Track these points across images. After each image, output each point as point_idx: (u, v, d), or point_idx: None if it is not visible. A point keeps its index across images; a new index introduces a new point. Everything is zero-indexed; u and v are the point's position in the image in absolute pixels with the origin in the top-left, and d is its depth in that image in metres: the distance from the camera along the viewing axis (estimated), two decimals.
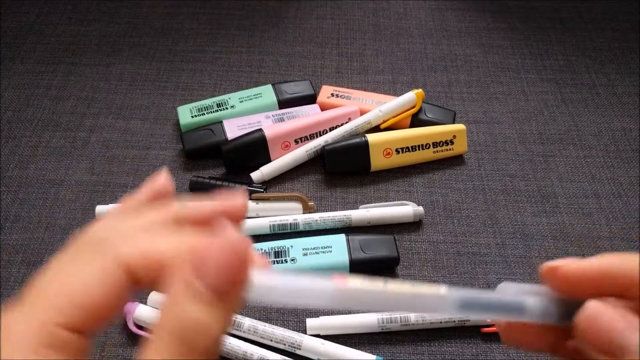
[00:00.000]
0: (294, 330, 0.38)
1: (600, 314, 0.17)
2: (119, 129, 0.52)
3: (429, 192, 0.48)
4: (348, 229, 0.45)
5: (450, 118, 0.51)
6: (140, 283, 0.17)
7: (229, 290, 0.15)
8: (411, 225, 0.46)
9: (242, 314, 0.39)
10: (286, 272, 0.17)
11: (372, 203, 0.46)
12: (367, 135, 0.48)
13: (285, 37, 0.61)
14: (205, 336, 0.15)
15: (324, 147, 0.48)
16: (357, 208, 0.46)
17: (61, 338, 0.15)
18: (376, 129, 0.50)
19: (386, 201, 0.46)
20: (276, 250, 0.42)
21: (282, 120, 0.50)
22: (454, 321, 0.39)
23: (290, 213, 0.45)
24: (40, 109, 0.53)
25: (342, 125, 0.49)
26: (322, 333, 0.39)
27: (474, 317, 0.18)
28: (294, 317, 0.40)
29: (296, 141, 0.49)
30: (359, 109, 0.50)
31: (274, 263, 0.41)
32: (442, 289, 0.18)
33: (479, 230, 0.46)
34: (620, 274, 0.19)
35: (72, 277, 0.16)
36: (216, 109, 0.51)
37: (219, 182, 0.46)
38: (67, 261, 0.17)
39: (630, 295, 0.18)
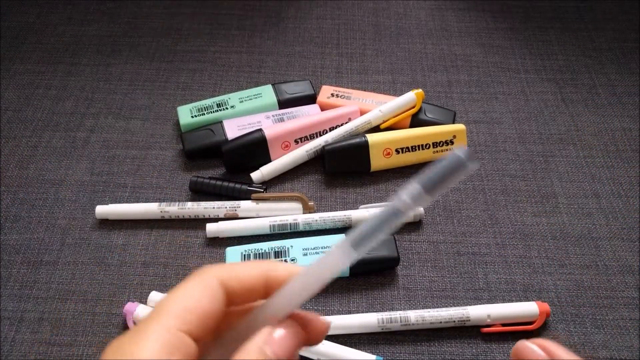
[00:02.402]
0: None
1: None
2: (119, 129, 0.52)
3: None
4: (348, 229, 0.45)
5: (450, 118, 0.51)
6: (233, 300, 0.22)
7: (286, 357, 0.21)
8: (411, 225, 0.46)
9: None
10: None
11: (372, 203, 0.46)
12: (367, 135, 0.48)
13: (285, 37, 0.61)
14: None
15: (324, 147, 0.48)
16: (357, 208, 0.46)
17: (184, 341, 0.19)
18: (376, 129, 0.50)
19: (386, 201, 0.46)
20: (276, 250, 0.42)
21: (282, 120, 0.50)
22: (454, 321, 0.39)
23: (290, 213, 0.45)
24: (40, 109, 0.53)
25: (342, 125, 0.49)
26: None
27: (371, 246, 0.21)
28: None
29: (296, 141, 0.49)
30: (359, 109, 0.50)
31: None
32: (334, 251, 0.21)
33: (479, 230, 0.46)
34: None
35: (185, 294, 0.21)
36: (216, 109, 0.51)
37: (219, 182, 0.46)
38: (179, 286, 0.21)
39: None
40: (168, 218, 0.45)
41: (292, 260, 0.41)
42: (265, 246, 0.42)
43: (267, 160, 0.48)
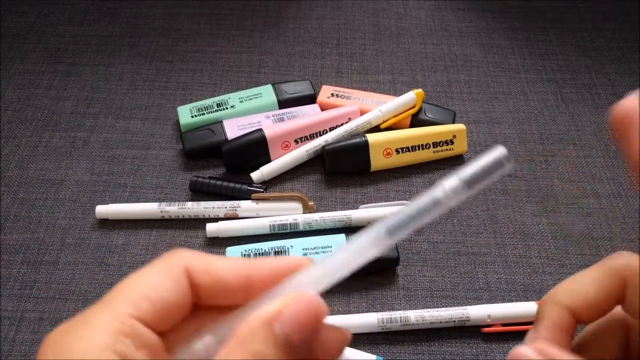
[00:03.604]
0: None
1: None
2: (119, 129, 0.52)
3: None
4: (348, 229, 0.45)
5: (450, 118, 0.51)
6: (200, 294, 0.19)
7: (299, 344, 0.17)
8: None
9: None
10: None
11: (372, 203, 0.46)
12: (367, 135, 0.48)
13: (285, 37, 0.61)
14: None
15: (324, 147, 0.48)
16: (357, 208, 0.46)
17: (137, 329, 0.17)
18: (376, 129, 0.50)
19: (386, 201, 0.46)
20: (276, 250, 0.42)
21: (282, 120, 0.50)
22: (454, 321, 0.39)
23: (290, 213, 0.45)
24: (40, 109, 0.53)
25: (342, 125, 0.49)
26: None
27: (406, 234, 0.19)
28: None
29: (296, 141, 0.49)
30: (359, 109, 0.50)
31: None
32: (366, 236, 0.19)
33: (479, 230, 0.46)
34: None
35: (144, 278, 0.19)
36: (216, 109, 0.51)
37: (219, 182, 0.46)
38: (142, 269, 0.19)
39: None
40: (168, 218, 0.45)
41: None
42: (265, 246, 0.42)
43: (267, 160, 0.48)
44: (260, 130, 0.48)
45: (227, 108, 0.51)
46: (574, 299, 0.21)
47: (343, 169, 0.49)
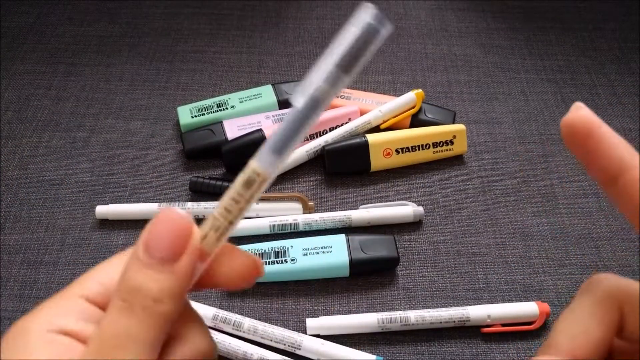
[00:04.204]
0: (294, 330, 0.38)
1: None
2: (119, 129, 0.52)
3: (429, 192, 0.48)
4: (348, 229, 0.45)
5: (450, 118, 0.51)
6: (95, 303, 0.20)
7: (169, 257, 0.18)
8: (411, 225, 0.46)
9: (242, 314, 0.39)
10: None
11: (372, 203, 0.46)
12: (367, 135, 0.48)
13: (285, 37, 0.61)
14: (143, 296, 0.17)
15: (324, 147, 0.48)
16: (357, 208, 0.46)
17: (88, 310, 0.18)
18: (376, 129, 0.50)
19: (386, 201, 0.46)
20: (276, 250, 0.42)
21: (282, 120, 0.50)
22: (454, 321, 0.39)
23: (290, 213, 0.45)
24: (40, 109, 0.53)
25: (342, 125, 0.49)
26: (322, 333, 0.39)
27: (293, 146, 0.18)
28: (294, 317, 0.40)
29: None
30: (359, 109, 0.50)
31: (274, 263, 0.41)
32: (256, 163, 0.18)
33: (479, 230, 0.46)
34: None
35: (99, 267, 0.20)
36: (216, 109, 0.51)
37: (219, 182, 0.46)
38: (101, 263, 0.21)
39: None
40: None
41: (292, 260, 0.41)
42: (265, 246, 0.42)
43: None
44: (260, 130, 0.48)
45: (227, 108, 0.51)
46: (577, 343, 0.17)
47: (343, 169, 0.49)
